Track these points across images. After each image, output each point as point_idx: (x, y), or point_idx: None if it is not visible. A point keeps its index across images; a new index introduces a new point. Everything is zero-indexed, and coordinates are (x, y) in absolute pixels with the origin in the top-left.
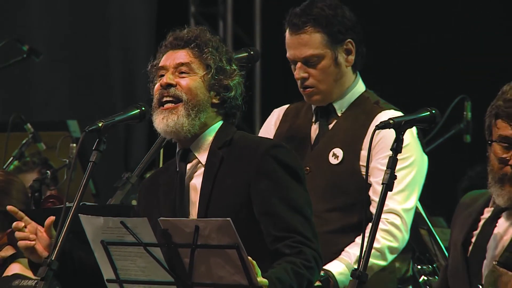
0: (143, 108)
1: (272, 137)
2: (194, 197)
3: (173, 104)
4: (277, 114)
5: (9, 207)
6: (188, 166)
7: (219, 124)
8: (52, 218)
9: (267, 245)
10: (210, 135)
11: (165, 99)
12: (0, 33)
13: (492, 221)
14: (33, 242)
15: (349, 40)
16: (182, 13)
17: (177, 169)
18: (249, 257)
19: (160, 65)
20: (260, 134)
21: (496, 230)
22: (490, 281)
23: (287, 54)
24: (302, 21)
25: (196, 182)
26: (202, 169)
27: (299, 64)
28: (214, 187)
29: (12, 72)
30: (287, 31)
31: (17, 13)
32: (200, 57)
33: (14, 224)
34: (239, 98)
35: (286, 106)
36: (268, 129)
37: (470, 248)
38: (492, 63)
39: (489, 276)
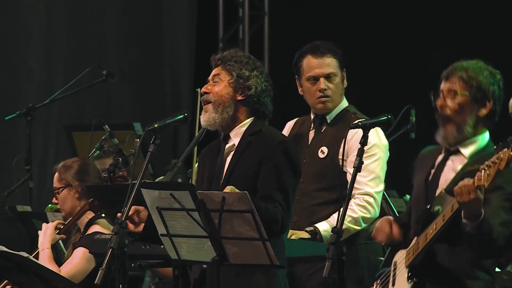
0: (186, 114)
1: None
2: (226, 167)
3: (207, 105)
4: (288, 126)
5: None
6: (227, 146)
7: (251, 119)
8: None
9: None
10: (244, 127)
11: (204, 102)
12: (87, 61)
13: (443, 162)
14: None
15: (344, 69)
16: (213, 47)
17: (220, 147)
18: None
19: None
20: None
21: (445, 169)
22: (438, 202)
23: (310, 73)
24: (325, 49)
25: (229, 158)
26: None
27: (321, 79)
28: (238, 162)
29: (94, 89)
30: (310, 57)
31: (97, 45)
32: (225, 69)
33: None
34: (261, 96)
35: (296, 119)
36: None
37: (429, 180)
38: (432, 80)
39: (437, 200)
